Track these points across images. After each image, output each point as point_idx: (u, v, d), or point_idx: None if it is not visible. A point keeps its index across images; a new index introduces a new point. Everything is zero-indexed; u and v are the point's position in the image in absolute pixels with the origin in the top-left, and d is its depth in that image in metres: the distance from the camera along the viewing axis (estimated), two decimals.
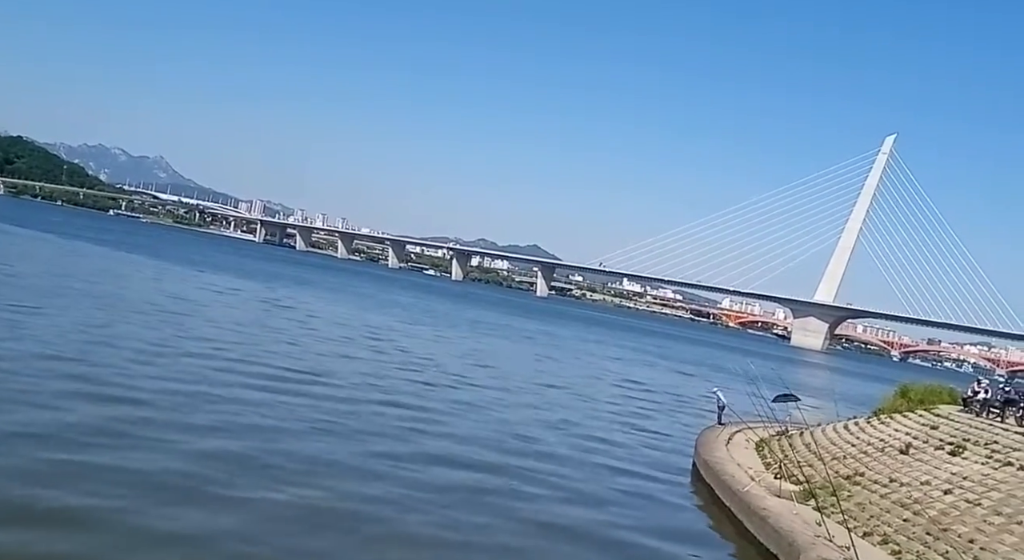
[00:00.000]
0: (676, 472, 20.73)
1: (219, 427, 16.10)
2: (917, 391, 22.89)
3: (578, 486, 16.92)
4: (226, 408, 17.85)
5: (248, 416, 17.54)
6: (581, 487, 16.83)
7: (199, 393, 18.87)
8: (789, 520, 14.39)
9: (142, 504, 11.17)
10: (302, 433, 16.89)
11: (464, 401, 25.17)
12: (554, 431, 22.94)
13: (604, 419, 27.12)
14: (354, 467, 15.06)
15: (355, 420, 19.19)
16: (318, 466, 14.61)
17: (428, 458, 16.78)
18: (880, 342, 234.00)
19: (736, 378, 32.28)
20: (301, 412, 18.92)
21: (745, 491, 16.33)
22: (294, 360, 26.78)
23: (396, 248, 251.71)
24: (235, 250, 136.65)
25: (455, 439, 19.13)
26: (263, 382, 21.69)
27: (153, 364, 21.37)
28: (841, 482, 17.13)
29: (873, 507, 15.44)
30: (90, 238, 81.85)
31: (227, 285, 55.16)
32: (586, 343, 67.58)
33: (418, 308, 71.59)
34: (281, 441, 15.93)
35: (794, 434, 23.23)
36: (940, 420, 19.53)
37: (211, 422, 16.35)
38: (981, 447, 16.61)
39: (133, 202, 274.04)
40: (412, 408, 22.16)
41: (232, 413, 17.51)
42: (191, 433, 15.20)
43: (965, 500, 14.49)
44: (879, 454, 18.34)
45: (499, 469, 16.98)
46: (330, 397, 21.50)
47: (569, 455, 20.03)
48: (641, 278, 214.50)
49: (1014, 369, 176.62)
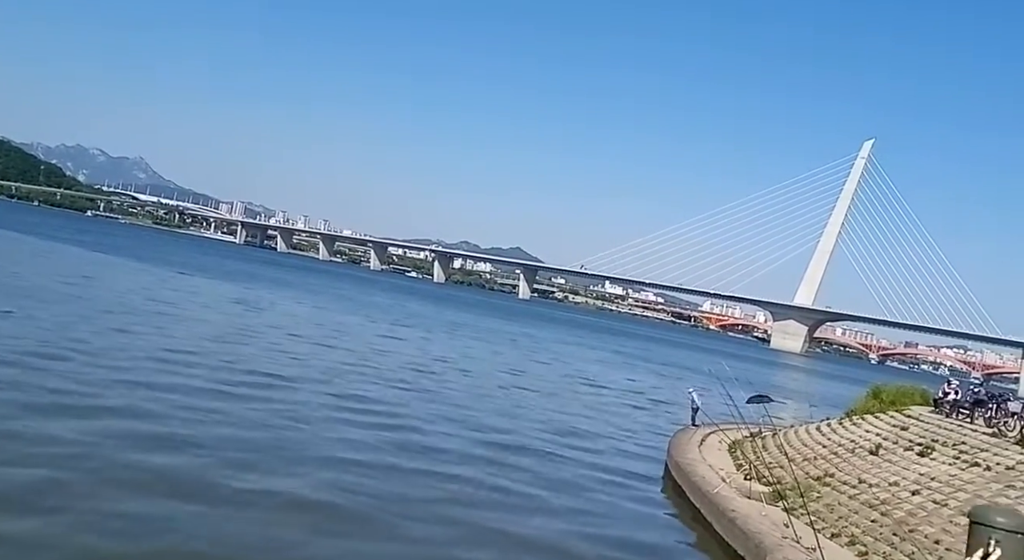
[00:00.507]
0: (648, 474, 20.62)
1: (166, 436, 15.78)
2: (889, 392, 22.97)
3: (542, 491, 16.68)
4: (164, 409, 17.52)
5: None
6: (543, 494, 16.39)
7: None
8: (757, 521, 14.31)
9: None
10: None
11: (433, 402, 24.94)
12: (522, 431, 22.75)
13: (573, 421, 26.85)
14: (286, 478, 14.72)
15: (301, 433, 17.57)
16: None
17: (390, 465, 16.54)
18: (859, 345, 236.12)
19: (712, 380, 32.19)
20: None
21: (715, 493, 16.24)
22: (232, 357, 25.92)
23: (378, 250, 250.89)
24: (213, 251, 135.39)
25: (422, 449, 18.76)
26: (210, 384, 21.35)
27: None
28: (811, 483, 17.10)
29: (842, 508, 15.40)
30: (61, 238, 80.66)
31: (196, 284, 54.60)
32: (566, 345, 67.47)
33: (392, 309, 71.20)
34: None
35: (767, 435, 23.22)
36: (910, 421, 19.57)
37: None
38: (949, 448, 16.63)
39: (112, 203, 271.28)
40: (382, 413, 21.90)
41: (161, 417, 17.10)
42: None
43: (932, 501, 14.47)
44: (849, 455, 18.34)
45: (473, 462, 16.80)
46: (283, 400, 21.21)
47: (537, 457, 19.87)
48: (623, 281, 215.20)
49: (989, 372, 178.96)
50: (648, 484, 19.78)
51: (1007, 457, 15.30)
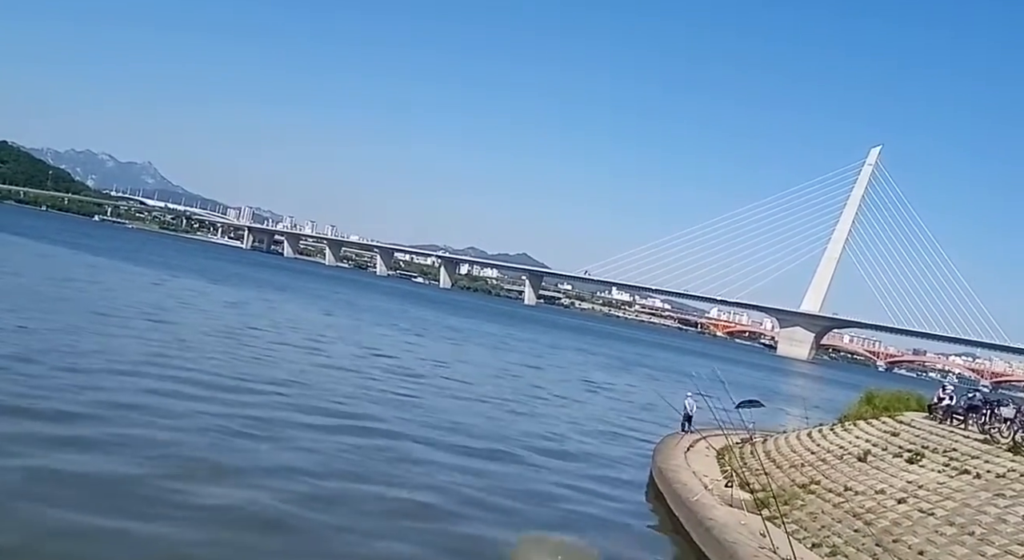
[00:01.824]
0: (633, 480, 20.06)
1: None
2: (882, 397, 22.29)
3: (524, 497, 16.16)
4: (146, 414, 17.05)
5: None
6: (519, 504, 15.84)
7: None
8: (735, 531, 13.73)
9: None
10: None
11: (414, 408, 24.42)
12: (504, 437, 22.24)
13: (559, 427, 26.31)
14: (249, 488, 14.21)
15: (265, 442, 16.55)
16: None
17: (357, 475, 16.01)
18: (866, 352, 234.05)
19: (709, 385, 31.69)
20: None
21: (695, 500, 15.66)
22: (210, 362, 25.21)
23: (384, 255, 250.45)
24: (215, 255, 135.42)
25: (394, 458, 18.13)
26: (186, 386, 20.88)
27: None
28: (796, 491, 16.50)
29: (825, 517, 14.79)
30: (61, 242, 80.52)
31: (195, 289, 54.28)
32: (563, 351, 66.84)
33: (389, 312, 70.76)
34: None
35: (758, 442, 22.59)
36: (902, 427, 18.92)
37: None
38: (939, 455, 15.99)
39: (119, 208, 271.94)
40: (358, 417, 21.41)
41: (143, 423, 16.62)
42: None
43: (919, 510, 13.85)
44: (837, 462, 17.71)
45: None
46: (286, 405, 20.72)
47: (520, 460, 19.36)
48: (629, 287, 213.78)
49: (998, 380, 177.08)
50: (631, 491, 19.24)
51: (998, 464, 14.66)
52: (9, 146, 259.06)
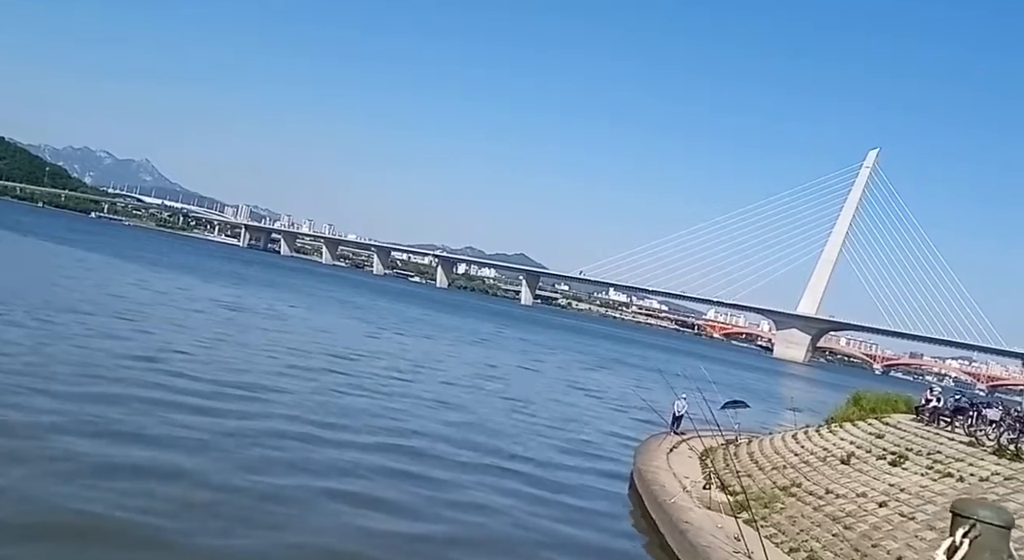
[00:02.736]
0: (615, 481, 19.63)
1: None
2: (869, 399, 21.90)
3: (498, 495, 15.75)
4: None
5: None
6: (500, 499, 15.54)
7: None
8: (709, 534, 13.32)
9: None
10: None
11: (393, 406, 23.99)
12: (488, 434, 21.80)
13: (542, 428, 25.84)
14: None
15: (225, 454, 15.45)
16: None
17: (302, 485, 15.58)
18: (862, 355, 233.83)
19: (702, 386, 31.37)
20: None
21: (672, 503, 15.24)
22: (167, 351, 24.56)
23: (381, 254, 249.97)
24: (207, 253, 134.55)
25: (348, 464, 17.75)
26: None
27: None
28: (776, 493, 16.11)
29: (805, 520, 14.39)
30: (51, 237, 79.93)
31: (179, 285, 53.80)
32: (551, 350, 66.40)
33: (369, 310, 70.34)
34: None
35: (743, 443, 22.22)
36: (887, 429, 18.52)
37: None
38: (923, 457, 15.60)
39: (116, 205, 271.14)
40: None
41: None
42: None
43: (900, 514, 13.46)
44: (820, 464, 17.31)
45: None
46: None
47: (495, 461, 18.93)
48: (626, 288, 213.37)
49: (994, 384, 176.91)
50: (614, 488, 18.83)
51: (982, 467, 14.27)
52: (6, 142, 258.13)
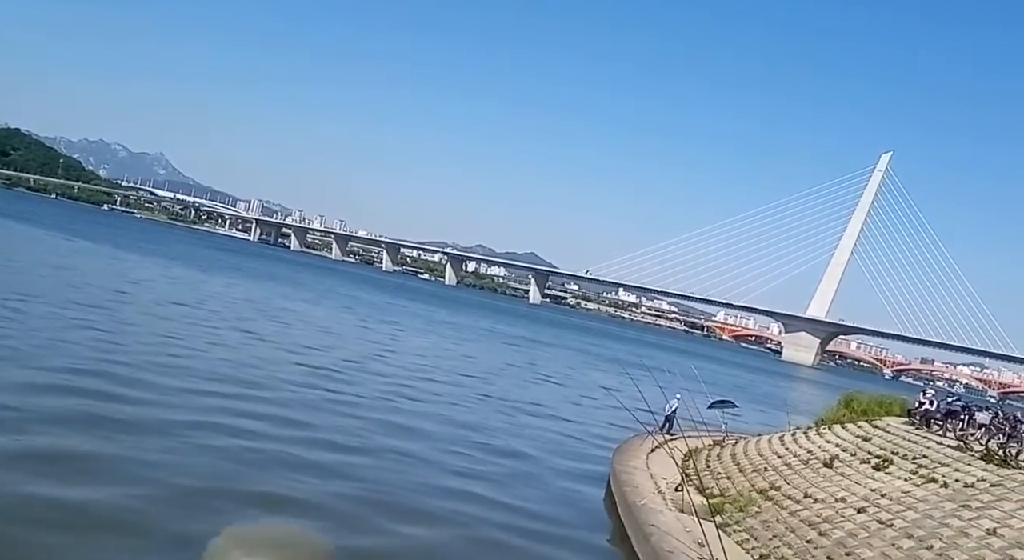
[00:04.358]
0: (596, 482, 19.00)
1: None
2: (861, 401, 21.17)
3: (472, 491, 15.18)
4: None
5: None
6: (471, 496, 14.97)
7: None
8: (675, 539, 12.66)
9: None
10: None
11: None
12: (470, 431, 21.24)
13: (527, 420, 25.30)
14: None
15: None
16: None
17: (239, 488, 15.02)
18: (873, 359, 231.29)
19: (695, 385, 30.84)
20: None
21: (642, 504, 14.59)
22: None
23: (391, 251, 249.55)
24: (215, 246, 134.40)
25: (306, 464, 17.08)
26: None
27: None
28: (754, 497, 15.42)
29: (779, 525, 13.71)
30: (53, 227, 79.84)
31: (178, 274, 53.54)
32: (552, 347, 65.77)
33: (370, 305, 69.89)
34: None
35: (728, 444, 21.53)
36: (875, 432, 17.80)
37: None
38: (908, 462, 14.88)
39: (128, 198, 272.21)
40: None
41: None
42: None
43: (878, 520, 12.75)
44: (802, 467, 16.61)
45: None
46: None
47: (475, 459, 18.35)
48: (636, 288, 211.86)
49: (1006, 390, 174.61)
50: (591, 489, 18.23)
51: (968, 473, 13.54)
52: (21, 134, 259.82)
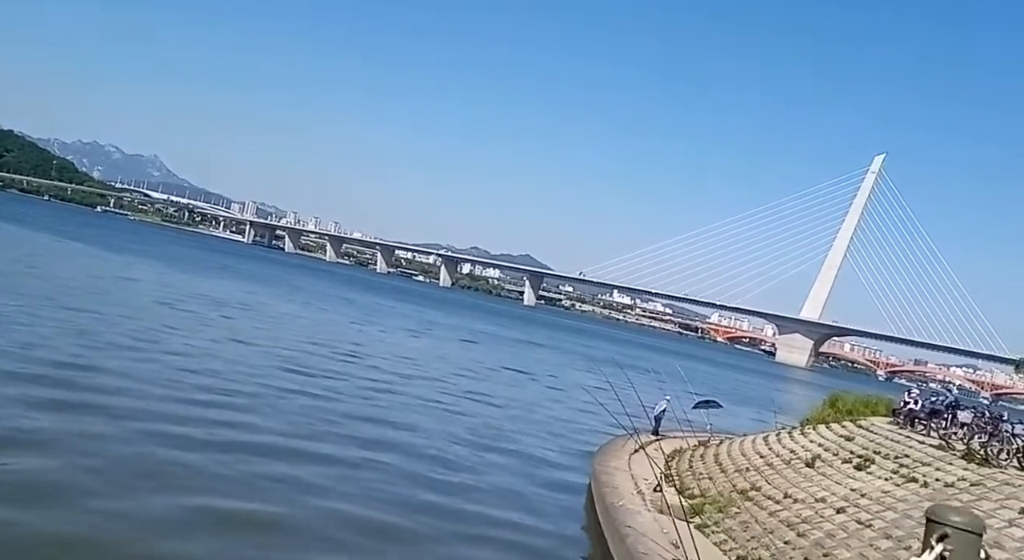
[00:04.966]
0: (578, 482, 18.78)
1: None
2: (846, 401, 20.97)
3: (453, 504, 14.94)
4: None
5: None
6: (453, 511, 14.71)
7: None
8: (651, 540, 12.43)
9: None
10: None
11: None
12: (451, 429, 21.01)
13: (510, 425, 25.06)
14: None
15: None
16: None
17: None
18: (866, 361, 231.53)
19: (688, 388, 30.75)
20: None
21: (620, 505, 14.36)
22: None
23: (385, 253, 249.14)
24: (209, 248, 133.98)
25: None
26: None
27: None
28: (733, 497, 15.19)
29: (758, 526, 13.47)
30: (51, 229, 79.57)
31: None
32: (539, 347, 65.54)
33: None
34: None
35: (713, 445, 21.32)
36: (859, 431, 17.60)
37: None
38: (889, 461, 14.67)
39: (122, 199, 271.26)
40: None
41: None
42: None
43: (857, 520, 12.53)
44: (784, 467, 16.39)
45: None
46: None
47: (442, 455, 18.12)
48: (630, 290, 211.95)
49: (999, 392, 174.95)
50: (573, 491, 18.01)
51: (949, 472, 13.33)
52: (14, 135, 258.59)
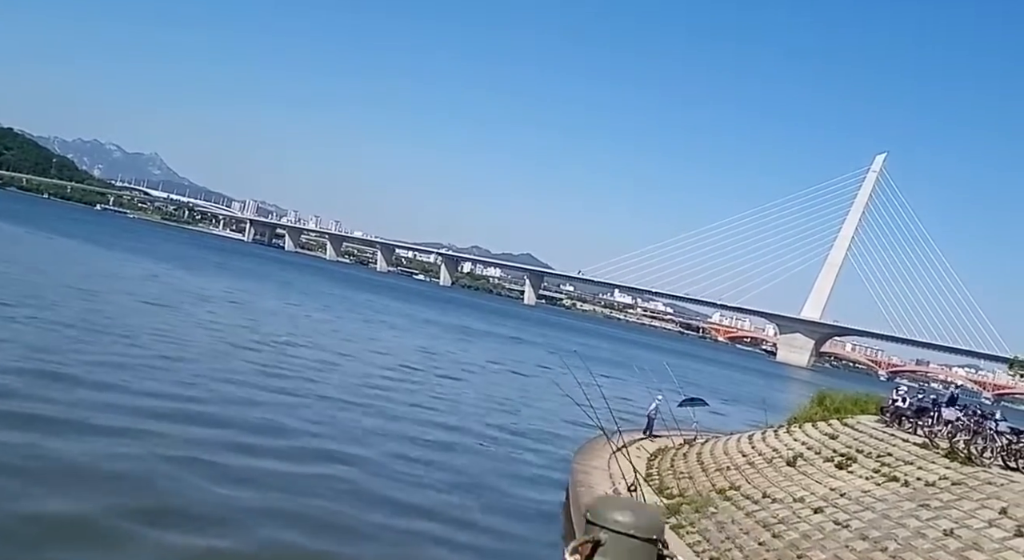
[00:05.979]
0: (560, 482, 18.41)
1: None
2: (834, 399, 20.56)
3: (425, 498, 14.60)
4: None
5: None
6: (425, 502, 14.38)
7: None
8: None
9: None
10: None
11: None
12: (440, 429, 20.66)
13: (501, 422, 24.72)
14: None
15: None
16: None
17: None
18: (868, 361, 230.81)
19: (680, 387, 30.48)
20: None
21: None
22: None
23: (385, 252, 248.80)
24: (209, 246, 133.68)
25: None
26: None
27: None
28: (712, 497, 14.80)
29: (734, 527, 13.08)
30: (47, 228, 79.28)
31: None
32: (523, 345, 65.07)
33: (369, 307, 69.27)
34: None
35: (698, 444, 20.93)
36: (844, 430, 17.20)
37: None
38: (871, 460, 14.28)
39: (122, 198, 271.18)
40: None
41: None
42: None
43: (834, 521, 12.13)
44: (765, 466, 16.00)
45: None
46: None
47: (431, 460, 17.77)
48: (631, 289, 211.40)
49: (1000, 392, 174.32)
50: (553, 490, 17.67)
51: (931, 471, 12.93)
52: (15, 133, 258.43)
